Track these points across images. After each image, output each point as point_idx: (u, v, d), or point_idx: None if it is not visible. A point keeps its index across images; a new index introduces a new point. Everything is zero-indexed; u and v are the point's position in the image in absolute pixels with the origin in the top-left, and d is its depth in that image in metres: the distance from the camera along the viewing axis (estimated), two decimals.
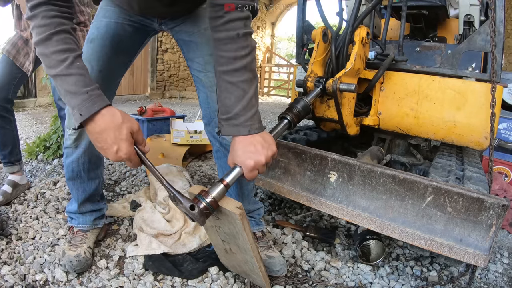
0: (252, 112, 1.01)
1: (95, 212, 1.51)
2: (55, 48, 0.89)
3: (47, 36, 0.89)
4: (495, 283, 1.56)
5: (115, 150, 0.90)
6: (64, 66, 0.88)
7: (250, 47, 0.99)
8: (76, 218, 1.49)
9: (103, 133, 0.89)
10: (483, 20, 2.11)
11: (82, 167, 1.38)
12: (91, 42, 1.28)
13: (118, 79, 1.41)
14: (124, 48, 1.35)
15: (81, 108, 0.88)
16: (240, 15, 0.96)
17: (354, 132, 1.78)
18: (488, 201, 1.12)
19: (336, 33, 1.71)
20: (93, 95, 0.89)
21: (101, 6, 1.33)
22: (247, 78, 0.99)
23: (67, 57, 0.89)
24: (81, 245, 1.41)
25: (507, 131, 3.03)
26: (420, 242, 1.24)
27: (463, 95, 1.59)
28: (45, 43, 0.89)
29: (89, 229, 1.50)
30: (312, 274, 1.50)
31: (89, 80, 0.91)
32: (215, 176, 2.64)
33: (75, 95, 0.88)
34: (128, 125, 0.92)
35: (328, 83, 1.53)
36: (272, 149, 1.03)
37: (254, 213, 1.52)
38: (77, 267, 1.31)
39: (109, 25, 1.28)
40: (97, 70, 1.26)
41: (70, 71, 0.89)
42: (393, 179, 1.30)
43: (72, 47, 0.91)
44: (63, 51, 0.89)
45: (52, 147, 2.70)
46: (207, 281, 1.35)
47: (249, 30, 0.98)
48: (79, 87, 0.88)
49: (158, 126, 3.40)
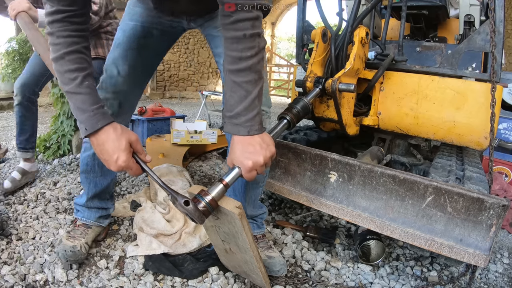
0: (253, 114, 1.00)
1: (101, 209, 1.52)
2: (67, 67, 0.99)
3: (61, 55, 0.98)
4: (495, 283, 1.56)
5: (115, 159, 0.98)
6: (75, 85, 0.98)
7: (257, 48, 0.98)
8: (82, 211, 1.50)
9: (105, 144, 0.99)
10: (484, 20, 2.11)
11: (98, 161, 1.38)
12: (118, 47, 1.31)
13: (145, 81, 1.43)
14: (151, 51, 1.37)
15: (86, 124, 0.99)
16: (248, 16, 0.94)
17: (354, 132, 1.78)
18: (488, 201, 1.12)
19: (335, 33, 1.71)
20: (97, 113, 0.99)
21: (129, 6, 1.33)
22: (251, 79, 0.99)
23: (77, 76, 0.99)
24: (79, 238, 1.42)
25: (507, 131, 3.03)
26: (420, 242, 1.24)
27: (463, 95, 1.58)
28: (59, 61, 0.99)
29: (91, 225, 1.51)
30: (312, 274, 1.50)
31: (95, 99, 1.01)
32: (215, 176, 2.64)
33: (83, 112, 0.99)
34: (126, 136, 1.00)
35: (327, 83, 1.53)
36: (270, 150, 1.04)
37: (257, 218, 1.51)
38: (71, 257, 1.32)
39: (135, 28, 1.30)
40: (123, 75, 1.30)
41: (80, 90, 0.99)
42: (393, 179, 1.30)
43: (83, 66, 1.01)
44: (74, 70, 0.99)
45: (52, 147, 2.70)
46: (207, 281, 1.35)
47: (257, 31, 0.97)
48: (86, 105, 0.99)
49: (158, 126, 3.40)
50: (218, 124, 5.60)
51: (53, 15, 0.97)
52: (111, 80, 1.30)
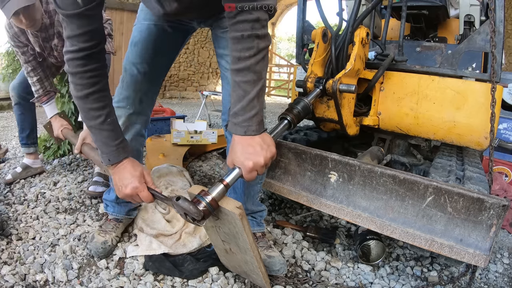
0: (251, 114, 1.00)
1: (130, 203, 1.56)
2: (91, 105, 1.07)
3: (84, 95, 1.06)
4: (495, 283, 1.56)
5: (129, 185, 1.09)
6: (99, 122, 1.08)
7: (255, 49, 0.97)
8: (111, 206, 1.57)
9: (122, 172, 1.12)
10: (484, 20, 2.10)
11: None
12: (135, 46, 1.35)
13: (162, 77, 1.48)
14: (166, 49, 1.41)
15: (109, 156, 1.11)
16: (247, 17, 0.94)
17: (354, 132, 1.78)
18: (488, 201, 1.12)
19: (336, 34, 1.71)
20: (120, 147, 1.12)
21: (141, 8, 1.37)
22: (249, 79, 0.99)
23: (101, 114, 1.08)
24: (110, 232, 1.51)
25: (507, 131, 3.03)
26: (421, 242, 1.24)
27: (463, 95, 1.58)
28: (83, 100, 1.07)
29: (122, 219, 1.58)
30: (312, 274, 1.50)
31: (118, 134, 1.13)
32: (215, 176, 2.64)
33: (107, 146, 1.11)
34: (140, 168, 1.14)
35: (328, 84, 1.53)
36: (271, 151, 1.04)
37: (256, 214, 1.52)
38: (102, 253, 1.43)
39: (150, 27, 1.34)
40: (142, 73, 1.36)
41: (103, 127, 1.09)
42: (393, 179, 1.30)
43: (106, 104, 1.10)
44: (97, 109, 1.08)
45: (52, 147, 2.69)
46: (207, 281, 1.36)
47: (256, 32, 0.96)
48: (110, 141, 1.11)
49: (159, 126, 3.40)
50: (218, 124, 5.60)
51: (73, 53, 1.02)
52: (131, 79, 1.36)
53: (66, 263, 1.37)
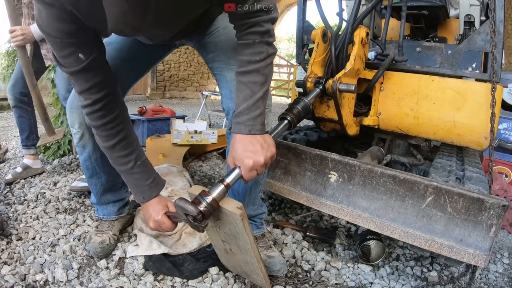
0: (256, 113, 1.03)
1: (118, 202, 1.55)
2: (119, 153, 1.12)
3: (111, 145, 1.10)
4: (495, 283, 1.56)
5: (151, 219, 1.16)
6: (129, 167, 1.14)
7: (265, 53, 1.03)
8: (100, 210, 1.55)
9: (148, 208, 1.18)
10: (484, 20, 2.10)
11: (96, 163, 1.40)
12: (108, 46, 1.28)
13: (128, 85, 1.42)
14: (139, 58, 1.38)
15: (143, 194, 1.18)
16: (258, 30, 1.01)
17: (354, 132, 1.78)
18: (488, 201, 1.12)
19: (335, 34, 1.71)
20: (151, 187, 1.19)
21: None
22: (257, 81, 1.04)
23: (130, 160, 1.13)
24: (107, 231, 1.50)
25: (507, 131, 3.03)
26: (421, 242, 1.24)
27: (463, 95, 1.58)
28: (110, 150, 1.12)
29: (114, 219, 1.57)
30: (312, 274, 1.50)
31: (149, 173, 1.19)
32: (215, 176, 2.64)
33: (138, 187, 1.18)
34: (164, 203, 1.19)
35: (328, 84, 1.53)
36: (271, 151, 1.05)
37: (256, 217, 1.51)
38: (101, 253, 1.42)
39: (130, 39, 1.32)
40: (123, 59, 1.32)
41: (134, 171, 1.15)
42: (393, 179, 1.30)
43: (133, 149, 1.14)
44: (126, 156, 1.13)
45: (52, 147, 2.69)
46: (207, 281, 1.35)
47: (266, 39, 1.03)
48: (142, 182, 1.17)
49: (159, 126, 3.41)
50: (218, 124, 5.60)
51: (90, 107, 1.03)
52: None
53: (66, 263, 1.37)
